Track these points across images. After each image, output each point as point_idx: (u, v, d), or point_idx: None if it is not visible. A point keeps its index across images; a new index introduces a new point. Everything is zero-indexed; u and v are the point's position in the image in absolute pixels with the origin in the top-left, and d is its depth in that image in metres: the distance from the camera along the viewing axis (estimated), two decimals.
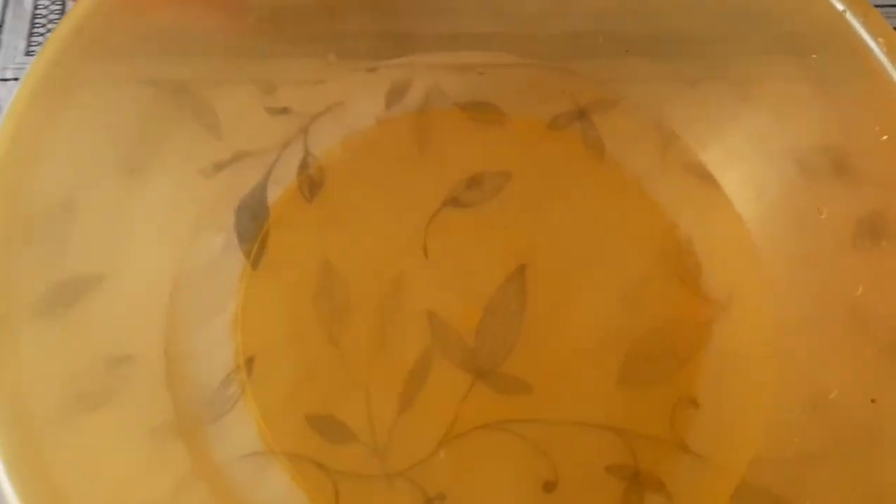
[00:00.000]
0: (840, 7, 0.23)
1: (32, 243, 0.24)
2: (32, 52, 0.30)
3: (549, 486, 0.24)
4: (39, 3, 0.31)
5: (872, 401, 0.21)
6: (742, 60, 0.28)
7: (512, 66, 0.30)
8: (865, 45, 0.24)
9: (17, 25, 0.31)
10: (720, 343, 0.26)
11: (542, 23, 0.29)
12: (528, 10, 0.29)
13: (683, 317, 0.27)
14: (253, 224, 0.27)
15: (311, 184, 0.28)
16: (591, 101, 0.29)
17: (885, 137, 0.22)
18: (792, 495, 0.23)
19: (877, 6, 0.27)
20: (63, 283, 0.24)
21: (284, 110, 0.29)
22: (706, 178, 0.28)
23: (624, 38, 0.29)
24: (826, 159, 0.26)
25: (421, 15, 0.29)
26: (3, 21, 0.31)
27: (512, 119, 0.29)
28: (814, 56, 0.24)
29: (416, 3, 0.29)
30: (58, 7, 0.31)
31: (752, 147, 0.28)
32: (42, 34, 0.31)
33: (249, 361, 0.26)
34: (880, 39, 0.22)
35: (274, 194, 0.28)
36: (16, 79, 0.30)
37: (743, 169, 0.28)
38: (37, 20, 0.31)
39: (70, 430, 0.22)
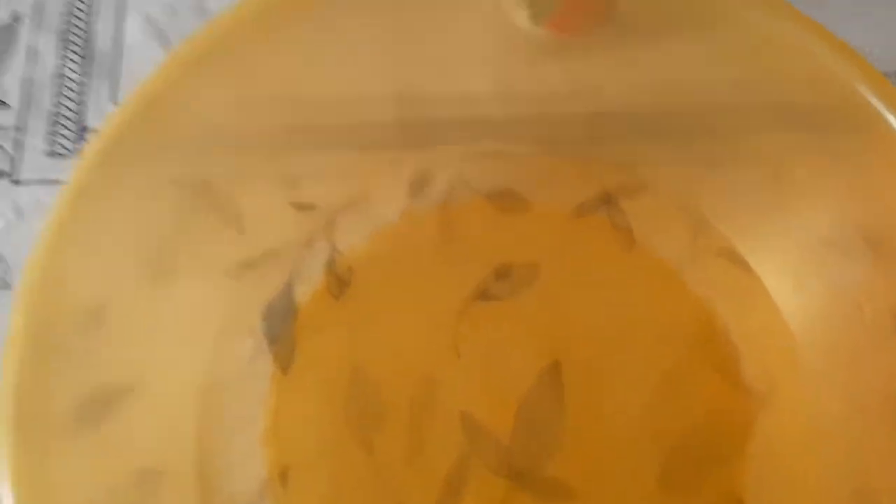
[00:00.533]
0: (852, 79, 0.23)
1: (61, 354, 0.23)
2: (54, 152, 0.30)
3: None
4: (60, 102, 0.31)
5: None
6: (763, 139, 0.27)
7: (534, 153, 0.29)
8: (881, 117, 0.23)
9: (36, 126, 0.31)
10: (763, 438, 0.26)
11: (555, 101, 0.29)
12: (538, 86, 0.29)
13: (724, 410, 0.26)
14: (282, 326, 0.27)
15: (338, 282, 0.28)
16: (617, 186, 0.29)
17: None
18: None
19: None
20: (91, 397, 0.24)
21: (308, 206, 0.28)
22: (740, 263, 0.28)
23: (642, 118, 0.29)
24: (861, 242, 0.26)
25: (443, 102, 0.29)
26: (23, 123, 0.31)
27: (537, 207, 0.29)
28: (824, 121, 0.24)
29: (439, 89, 0.29)
30: (76, 108, 0.31)
31: (785, 230, 0.27)
32: (63, 134, 0.31)
33: (283, 473, 0.25)
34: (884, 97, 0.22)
35: (301, 294, 0.28)
36: (39, 181, 0.30)
37: (777, 254, 0.27)
38: (58, 119, 0.31)
39: None
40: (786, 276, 0.27)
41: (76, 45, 0.32)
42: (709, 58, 0.27)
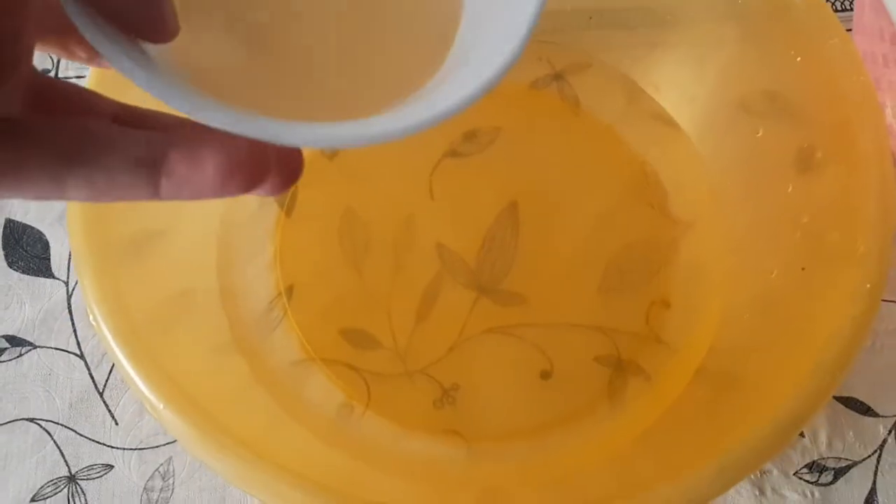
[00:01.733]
0: None
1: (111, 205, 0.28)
2: None
3: (545, 375, 0.29)
4: None
5: (802, 269, 0.26)
6: (695, 28, 0.33)
7: None
8: (788, 6, 0.28)
9: None
10: (686, 255, 0.31)
11: None
12: None
13: (654, 235, 0.31)
14: None
15: None
16: (567, 65, 0.34)
17: (798, 59, 0.27)
18: (740, 374, 0.27)
19: None
20: (135, 237, 0.29)
21: None
22: (668, 122, 0.33)
23: (590, 11, 0.34)
24: (764, 100, 0.31)
25: None
26: None
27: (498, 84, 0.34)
28: (739, 2, 0.29)
29: None
30: None
31: (706, 95, 0.33)
32: None
33: (289, 289, 0.30)
34: None
35: None
36: (78, 76, 0.35)
37: (697, 112, 0.33)
38: None
39: (159, 344, 0.26)
40: (706, 130, 0.32)
41: None
42: None
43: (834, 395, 0.29)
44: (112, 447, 0.29)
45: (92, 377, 0.30)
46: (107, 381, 0.30)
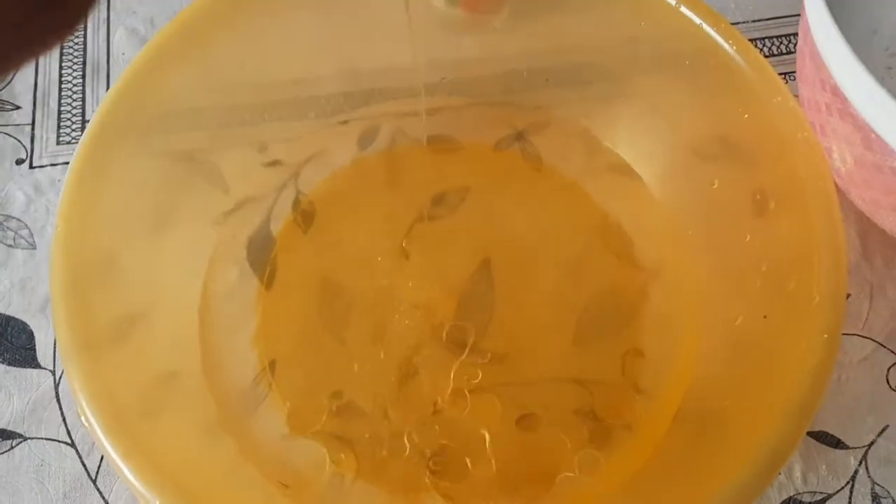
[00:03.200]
0: (698, 21, 0.30)
1: (92, 288, 0.29)
2: (62, 141, 0.36)
3: (526, 429, 0.30)
4: (63, 101, 0.37)
5: (765, 316, 0.27)
6: (644, 80, 0.34)
7: (460, 106, 0.36)
8: (731, 58, 0.30)
9: (47, 122, 0.37)
10: (655, 303, 0.32)
11: (474, 66, 0.35)
12: (459, 56, 0.35)
13: (622, 285, 0.32)
14: (262, 254, 0.33)
15: (304, 216, 0.34)
16: (527, 124, 0.36)
17: (746, 116, 0.29)
18: (716, 418, 0.28)
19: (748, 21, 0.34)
20: (117, 321, 0.29)
21: (276, 163, 0.35)
22: (628, 173, 0.34)
23: (546, 72, 0.36)
24: (716, 146, 0.32)
25: (381, 76, 0.36)
26: (34, 120, 0.37)
27: (464, 146, 0.35)
28: (687, 62, 0.31)
29: (376, 65, 0.36)
30: (78, 105, 0.37)
31: (661, 144, 0.34)
32: (69, 126, 0.37)
33: (272, 364, 0.31)
34: (730, 41, 0.29)
35: (276, 229, 0.34)
36: (52, 164, 0.36)
37: (656, 163, 0.34)
38: (62, 115, 0.37)
39: (145, 430, 0.27)
40: (665, 179, 0.34)
41: (74, 55, 0.38)
42: (597, 23, 0.34)
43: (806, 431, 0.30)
44: None
45: (84, 465, 0.30)
46: (99, 467, 0.30)
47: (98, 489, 0.30)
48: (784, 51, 0.38)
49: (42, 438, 0.30)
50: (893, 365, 0.31)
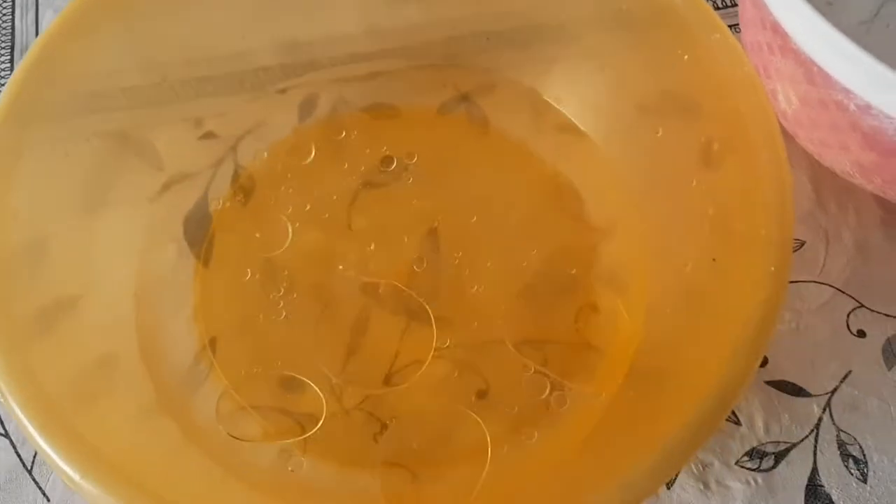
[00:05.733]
0: None
1: (17, 275, 0.28)
2: None
3: (481, 394, 0.29)
4: None
5: (713, 259, 0.26)
6: (591, 39, 0.33)
7: (402, 69, 0.35)
8: (676, 13, 0.29)
9: None
10: (608, 259, 0.31)
11: (416, 32, 0.34)
12: (400, 22, 0.34)
13: (574, 243, 0.31)
14: (200, 231, 0.32)
15: (244, 190, 0.33)
16: (472, 86, 0.35)
17: (686, 57, 0.28)
18: (667, 369, 0.27)
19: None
20: (47, 306, 0.28)
21: (212, 136, 0.34)
22: (576, 132, 0.33)
23: (491, 35, 0.35)
24: (660, 100, 0.31)
25: (319, 45, 0.35)
26: None
27: (406, 112, 0.34)
28: (624, 7, 0.30)
29: (315, 36, 0.35)
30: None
31: (608, 102, 0.33)
32: None
33: (212, 342, 0.30)
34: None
35: (214, 204, 0.32)
36: None
37: (604, 121, 0.33)
38: None
39: (78, 417, 0.25)
40: (613, 136, 0.33)
41: (1, 38, 0.37)
42: None
43: (766, 380, 0.29)
44: None
45: (19, 455, 0.29)
46: (34, 458, 0.29)
47: (34, 479, 0.28)
48: (728, 3, 0.38)
49: None
50: (853, 310, 0.30)
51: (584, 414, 0.28)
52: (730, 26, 0.36)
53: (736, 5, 0.38)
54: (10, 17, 0.38)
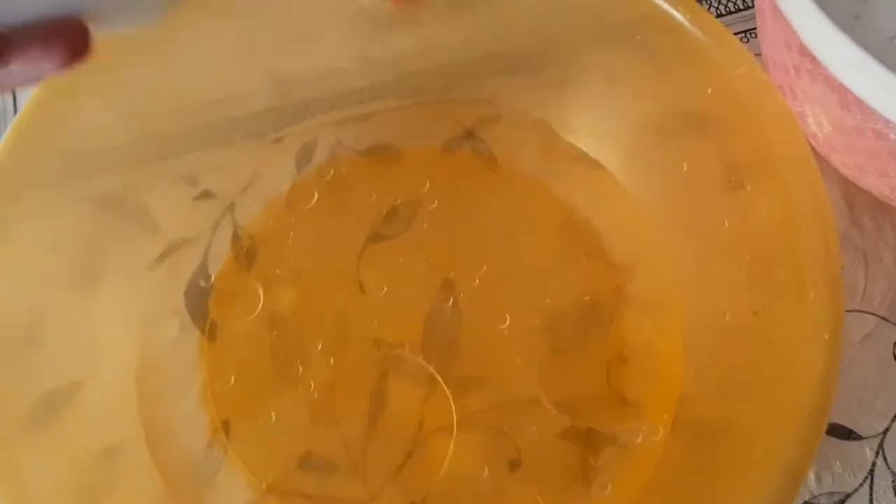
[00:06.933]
0: None
1: (7, 368, 0.26)
2: None
3: (514, 464, 0.27)
4: None
5: (755, 313, 0.24)
6: (593, 57, 0.31)
7: (401, 108, 0.33)
8: (682, 26, 0.27)
9: None
10: (634, 301, 0.29)
11: (411, 61, 0.32)
12: (393, 52, 0.32)
13: (596, 286, 0.30)
14: (202, 301, 0.30)
15: (246, 253, 0.31)
16: (475, 120, 0.33)
17: (709, 90, 0.26)
18: (717, 424, 0.25)
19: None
20: (42, 399, 0.27)
21: (209, 195, 0.32)
22: (590, 162, 0.32)
23: (488, 60, 0.33)
24: (683, 122, 0.29)
25: (311, 82, 0.33)
26: None
27: (409, 153, 0.32)
28: (637, 37, 0.28)
29: (307, 72, 0.33)
30: None
31: (621, 126, 0.31)
32: None
33: (225, 424, 0.28)
34: (687, 15, 0.26)
35: (216, 270, 0.31)
36: None
37: (619, 148, 0.31)
38: None
39: None
40: (630, 164, 0.31)
41: None
42: (536, 2, 0.31)
43: None
44: None
45: None
46: None
47: None
48: (742, 6, 0.35)
49: None
50: None
51: (624, 478, 0.26)
52: (743, 32, 0.35)
53: (740, 10, 0.35)
54: None
